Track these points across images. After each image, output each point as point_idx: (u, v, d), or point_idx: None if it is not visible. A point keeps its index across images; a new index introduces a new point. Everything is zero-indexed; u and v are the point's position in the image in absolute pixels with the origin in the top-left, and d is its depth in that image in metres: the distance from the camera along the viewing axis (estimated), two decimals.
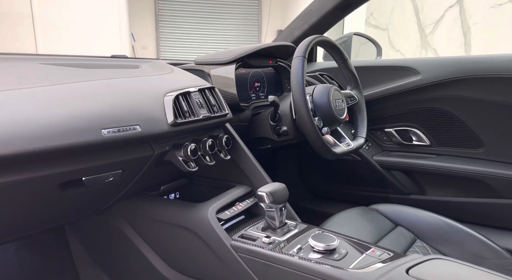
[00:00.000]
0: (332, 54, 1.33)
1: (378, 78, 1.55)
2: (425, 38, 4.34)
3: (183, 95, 0.98)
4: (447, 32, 4.00)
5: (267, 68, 1.45)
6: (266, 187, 0.93)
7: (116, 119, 0.80)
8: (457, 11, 3.86)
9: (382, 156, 1.58)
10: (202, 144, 1.02)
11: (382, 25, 5.05)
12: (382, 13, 5.04)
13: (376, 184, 1.61)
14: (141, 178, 0.97)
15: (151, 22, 7.15)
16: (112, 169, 0.86)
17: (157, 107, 0.91)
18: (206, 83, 1.12)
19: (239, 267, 0.90)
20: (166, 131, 0.90)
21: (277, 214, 0.94)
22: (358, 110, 1.37)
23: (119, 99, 0.85)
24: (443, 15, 4.09)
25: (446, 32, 4.01)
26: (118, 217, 1.08)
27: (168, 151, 0.96)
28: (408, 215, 1.27)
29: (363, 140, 1.32)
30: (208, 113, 1.02)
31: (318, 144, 1.13)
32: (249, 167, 1.13)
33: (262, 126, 1.31)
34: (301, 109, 1.11)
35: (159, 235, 1.04)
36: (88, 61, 1.17)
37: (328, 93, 1.21)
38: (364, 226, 1.22)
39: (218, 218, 0.96)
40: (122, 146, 0.84)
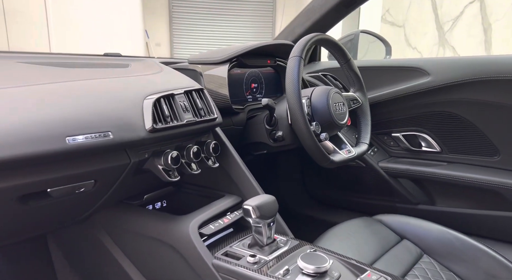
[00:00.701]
0: (334, 54, 1.23)
1: (385, 80, 1.45)
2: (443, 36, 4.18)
3: (166, 98, 0.90)
4: (466, 29, 3.83)
5: (265, 68, 1.37)
6: (253, 199, 0.85)
7: (84, 126, 0.73)
8: (478, 7, 3.69)
9: (389, 163, 1.49)
10: (186, 150, 0.94)
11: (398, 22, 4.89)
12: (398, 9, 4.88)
13: (381, 192, 1.52)
14: (119, 188, 0.91)
15: (165, 19, 7.13)
16: (82, 179, 0.79)
17: (134, 111, 0.84)
18: (195, 85, 1.04)
19: None
20: (143, 138, 0.83)
21: (264, 230, 0.86)
22: (362, 114, 1.28)
23: (90, 102, 0.78)
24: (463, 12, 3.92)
25: (466, 29, 3.84)
26: (98, 228, 1.02)
27: (147, 159, 0.89)
28: (415, 227, 1.18)
29: (366, 146, 1.23)
30: (193, 117, 0.95)
31: (314, 151, 1.04)
32: (239, 176, 1.05)
33: (257, 130, 1.22)
34: (296, 114, 1.02)
35: (139, 248, 0.97)
36: (73, 60, 1.11)
37: (327, 96, 1.12)
38: (366, 239, 1.13)
39: (201, 233, 0.89)
40: (92, 155, 0.77)
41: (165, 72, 1.12)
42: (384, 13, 5.15)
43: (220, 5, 7.21)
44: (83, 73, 0.93)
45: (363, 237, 1.13)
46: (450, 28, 4.08)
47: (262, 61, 1.33)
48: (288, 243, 0.91)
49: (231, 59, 1.20)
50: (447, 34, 4.14)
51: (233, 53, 1.19)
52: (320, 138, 1.10)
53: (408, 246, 1.12)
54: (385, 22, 5.16)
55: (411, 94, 1.38)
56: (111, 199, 0.95)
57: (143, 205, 1.07)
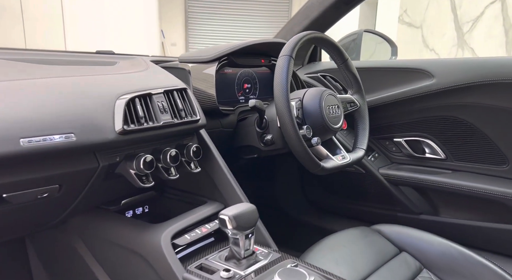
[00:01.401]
0: (330, 54, 1.17)
1: (387, 81, 1.38)
2: (462, 37, 4.04)
3: (142, 98, 0.85)
4: (487, 30, 3.69)
5: (260, 68, 1.31)
6: (231, 208, 0.79)
7: (41, 127, 0.68)
8: (499, 7, 3.54)
9: (390, 169, 1.41)
10: (163, 154, 0.88)
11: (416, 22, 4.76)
12: (416, 10, 4.75)
13: (382, 201, 1.45)
14: (91, 193, 0.86)
15: (181, 19, 7.15)
16: (45, 184, 0.74)
17: (104, 111, 0.79)
18: (178, 84, 0.98)
19: None
20: (112, 141, 0.78)
21: (242, 242, 0.80)
22: (359, 118, 1.21)
23: (53, 101, 0.73)
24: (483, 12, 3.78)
25: (486, 30, 3.70)
26: (72, 234, 0.98)
27: (119, 163, 0.84)
28: (415, 239, 1.11)
29: (362, 152, 1.15)
30: (171, 119, 0.89)
31: (303, 157, 0.98)
32: (222, 182, 0.99)
33: (248, 133, 1.17)
34: (284, 116, 0.96)
35: (112, 257, 0.92)
36: (58, 57, 1.07)
37: (320, 98, 1.05)
38: (361, 251, 1.06)
39: (174, 244, 0.83)
40: (53, 158, 0.72)
41: (150, 70, 1.07)
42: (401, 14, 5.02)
43: (235, 4, 7.18)
44: (57, 71, 0.88)
45: (358, 248, 1.06)
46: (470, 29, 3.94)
47: (256, 61, 1.27)
48: (269, 256, 0.85)
49: (221, 57, 1.14)
50: (466, 35, 4.00)
51: (222, 52, 1.13)
52: (312, 143, 1.03)
53: (407, 259, 1.06)
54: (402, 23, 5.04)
55: (414, 97, 1.30)
56: (83, 204, 0.90)
57: (122, 211, 1.02)
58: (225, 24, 7.24)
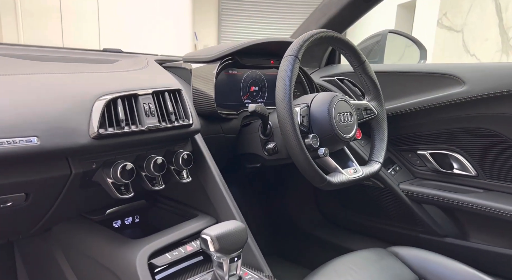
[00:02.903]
0: (345, 55, 1.05)
1: (412, 87, 1.25)
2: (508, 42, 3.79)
3: (126, 99, 0.77)
4: None
5: (269, 69, 1.20)
6: (215, 227, 0.69)
7: None
8: None
9: (412, 185, 1.29)
10: (146, 162, 0.80)
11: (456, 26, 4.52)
12: (457, 13, 4.50)
13: (402, 219, 1.33)
14: (67, 201, 0.78)
15: (214, 21, 7.16)
16: (7, 192, 0.67)
17: (79, 113, 0.71)
18: (173, 85, 0.90)
19: None
20: (84, 146, 0.70)
21: (226, 266, 0.69)
22: (377, 127, 1.08)
23: (16, 100, 0.66)
24: None
25: None
26: (53, 243, 0.91)
27: (96, 170, 0.76)
28: (438, 265, 0.98)
29: (378, 166, 1.03)
30: (157, 123, 0.80)
31: (306, 169, 0.87)
32: (215, 194, 0.90)
33: (251, 140, 1.07)
34: (285, 123, 0.85)
35: (89, 273, 0.85)
36: (55, 54, 1.02)
37: (330, 104, 0.94)
38: (373, 277, 0.94)
39: (151, 264, 0.74)
40: (15, 164, 0.65)
41: (147, 69, 1.00)
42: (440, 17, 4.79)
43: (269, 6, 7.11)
44: (39, 67, 0.81)
45: (370, 273, 0.95)
46: None
47: (265, 62, 1.17)
48: None
49: (223, 57, 1.04)
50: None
51: (225, 51, 1.04)
52: (318, 153, 0.93)
53: None
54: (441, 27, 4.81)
55: (443, 105, 1.18)
56: (62, 212, 0.83)
57: (109, 220, 0.95)
58: (259, 26, 7.18)
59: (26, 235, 0.89)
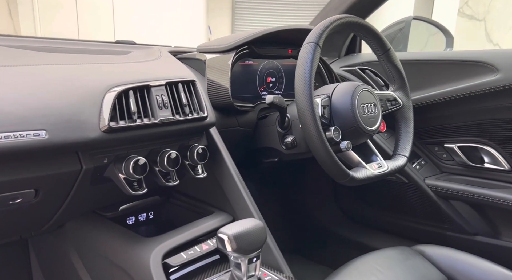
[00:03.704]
0: (369, 43, 0.99)
1: (440, 76, 1.19)
2: None
3: (138, 91, 0.73)
4: None
5: (287, 59, 1.15)
6: (232, 226, 0.65)
7: (6, 121, 0.58)
8: None
9: (439, 180, 1.23)
10: (160, 156, 0.76)
11: (478, 15, 4.36)
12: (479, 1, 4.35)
13: (428, 217, 1.27)
14: (79, 198, 0.75)
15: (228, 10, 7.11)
16: (16, 188, 0.64)
17: (90, 105, 0.68)
18: (187, 76, 0.86)
19: None
20: (94, 140, 0.66)
21: (244, 267, 0.65)
22: (402, 119, 1.03)
23: (24, 92, 0.63)
24: None
25: None
26: (66, 241, 0.89)
27: (107, 165, 0.72)
28: (467, 265, 0.94)
29: (404, 160, 0.97)
30: (171, 116, 0.76)
31: (327, 164, 0.82)
32: (231, 190, 0.86)
33: (268, 133, 1.03)
34: (305, 115, 0.80)
35: (103, 273, 0.81)
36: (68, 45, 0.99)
37: (352, 95, 0.89)
38: (399, 277, 0.90)
39: (166, 264, 0.71)
40: (23, 159, 0.62)
41: (160, 60, 0.96)
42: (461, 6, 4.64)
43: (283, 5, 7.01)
44: (49, 58, 0.78)
45: (396, 273, 0.90)
46: None
47: (282, 51, 1.12)
48: None
49: (239, 46, 1.00)
50: None
51: (241, 40, 1.00)
52: (340, 147, 0.87)
53: None
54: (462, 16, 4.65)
55: (473, 95, 1.11)
56: (74, 209, 0.80)
57: (122, 217, 0.91)
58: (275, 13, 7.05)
59: (39, 232, 0.87)
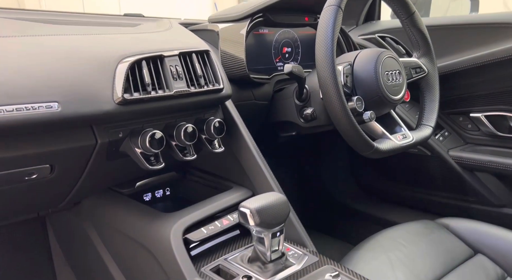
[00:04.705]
0: (391, 6, 0.94)
1: (466, 42, 1.13)
2: None
3: (152, 61, 0.70)
4: None
5: (303, 28, 1.10)
6: (254, 199, 0.63)
7: (15, 93, 0.56)
8: None
9: (464, 152, 1.19)
10: (176, 130, 0.73)
11: None
12: None
13: (452, 189, 1.24)
14: (95, 174, 0.73)
15: None
16: (31, 163, 0.63)
17: (102, 77, 0.65)
18: (200, 46, 0.82)
19: None
20: (108, 113, 0.64)
21: (268, 241, 0.63)
22: (427, 88, 0.98)
23: (35, 63, 0.60)
24: None
25: None
26: (84, 218, 0.88)
27: (122, 139, 0.69)
28: (494, 238, 0.92)
29: (429, 130, 0.94)
30: (186, 87, 0.73)
31: (351, 136, 0.79)
32: (250, 164, 0.83)
33: (285, 106, 0.99)
34: (327, 84, 0.76)
35: (122, 249, 0.81)
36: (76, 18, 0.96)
37: (376, 62, 0.85)
38: (424, 251, 0.88)
39: (186, 240, 0.69)
40: (36, 133, 0.59)
41: (172, 31, 0.92)
42: None
43: None
44: (58, 29, 0.75)
45: (421, 247, 0.88)
46: None
47: (299, 19, 1.08)
48: (304, 259, 0.69)
49: (253, 14, 0.95)
50: None
51: (255, 7, 0.95)
52: (363, 118, 0.84)
53: (484, 264, 0.88)
54: None
55: (502, 60, 1.06)
56: (90, 186, 0.79)
57: (139, 193, 0.90)
58: None
59: (56, 209, 0.86)
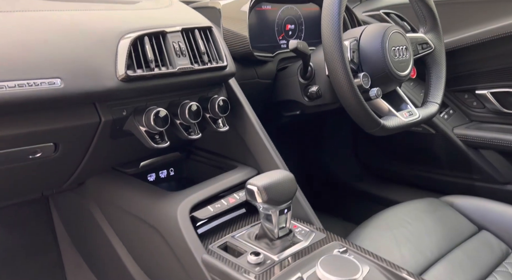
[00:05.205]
0: None
1: (472, 17, 1.11)
2: None
3: (154, 37, 0.68)
4: None
5: (306, 4, 1.08)
6: (261, 177, 0.63)
7: (17, 68, 0.54)
8: None
9: (468, 129, 1.19)
10: (181, 108, 0.72)
11: None
12: None
13: (456, 167, 1.23)
14: (99, 153, 0.72)
15: None
16: (35, 141, 0.62)
17: (104, 53, 0.64)
18: (202, 22, 0.80)
19: None
20: (112, 89, 0.63)
21: (275, 218, 0.63)
22: (434, 64, 0.97)
23: (36, 38, 0.58)
24: None
25: None
26: (88, 198, 0.88)
27: (126, 118, 0.68)
28: (499, 214, 0.92)
29: (436, 107, 0.93)
30: (190, 64, 0.71)
31: (357, 113, 0.78)
32: (255, 143, 0.82)
33: (289, 85, 0.98)
34: (334, 60, 0.75)
35: (128, 228, 0.81)
36: None
37: (383, 37, 0.83)
38: (429, 228, 0.88)
39: (193, 218, 0.69)
40: (38, 110, 0.58)
41: (172, 7, 0.90)
42: None
43: None
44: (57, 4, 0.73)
45: (426, 225, 0.89)
46: None
47: None
48: (311, 236, 0.69)
49: None
50: None
51: None
52: (370, 95, 0.83)
53: (489, 240, 0.88)
54: None
55: (509, 35, 1.03)
56: (94, 165, 0.78)
57: (143, 173, 0.89)
58: None
59: (60, 189, 0.86)
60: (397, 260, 0.68)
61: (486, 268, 0.79)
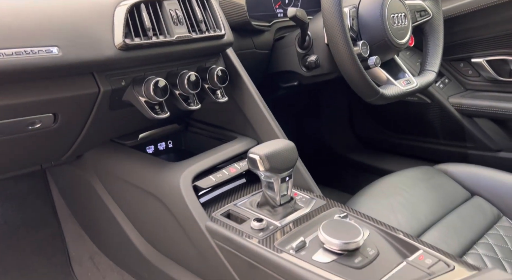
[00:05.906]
0: None
1: None
2: None
3: (150, 4, 0.67)
4: None
5: None
6: (263, 146, 0.64)
7: (13, 35, 0.53)
8: None
9: (464, 98, 1.19)
10: (179, 78, 0.71)
11: None
12: None
13: (451, 136, 1.24)
14: (98, 124, 0.72)
15: None
16: (34, 112, 0.61)
17: (101, 21, 0.62)
18: None
19: (215, 259, 0.65)
20: (110, 58, 0.62)
21: (277, 186, 0.64)
22: (431, 32, 0.97)
23: (32, 4, 0.57)
24: None
25: None
26: (88, 170, 0.88)
27: (125, 88, 0.68)
28: (491, 180, 0.93)
29: (433, 75, 0.93)
30: (188, 33, 0.70)
31: (357, 81, 0.78)
32: (254, 114, 0.82)
33: (286, 55, 0.97)
34: (333, 28, 0.74)
35: (129, 198, 0.81)
36: None
37: (382, 5, 0.82)
38: (423, 195, 0.90)
39: (196, 187, 0.70)
40: (36, 79, 0.57)
41: None
42: None
43: None
44: None
45: (420, 192, 0.90)
46: None
47: None
48: (311, 203, 0.70)
49: None
50: None
51: None
52: (368, 63, 0.83)
53: (481, 205, 0.90)
54: None
55: (506, 2, 1.03)
56: (93, 137, 0.78)
57: (142, 145, 0.89)
58: None
59: (59, 162, 0.86)
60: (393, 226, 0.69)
61: (479, 231, 0.82)
